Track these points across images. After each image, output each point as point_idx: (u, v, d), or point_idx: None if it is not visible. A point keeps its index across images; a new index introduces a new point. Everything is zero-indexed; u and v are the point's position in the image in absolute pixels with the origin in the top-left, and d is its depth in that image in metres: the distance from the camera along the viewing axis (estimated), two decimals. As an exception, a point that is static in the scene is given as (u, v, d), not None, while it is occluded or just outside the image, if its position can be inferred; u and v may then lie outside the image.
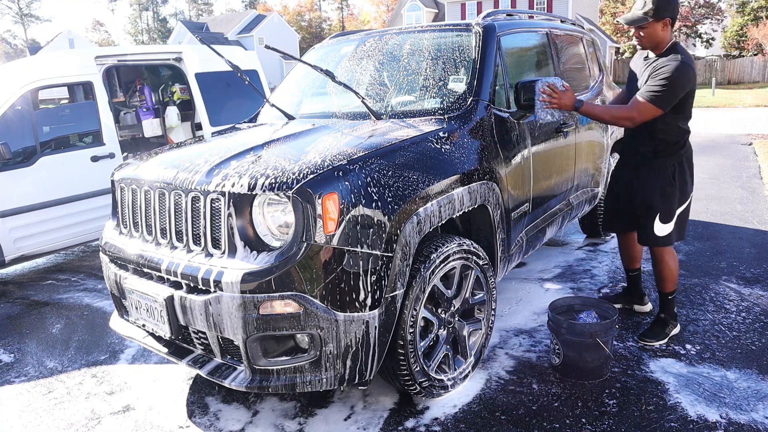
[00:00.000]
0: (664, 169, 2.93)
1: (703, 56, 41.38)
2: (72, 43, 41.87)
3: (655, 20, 2.75)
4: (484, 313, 2.83)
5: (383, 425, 2.48)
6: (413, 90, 3.20)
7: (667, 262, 3.05)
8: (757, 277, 3.91)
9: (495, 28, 3.23)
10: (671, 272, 3.06)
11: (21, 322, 3.93)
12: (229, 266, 2.15)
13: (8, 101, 4.36)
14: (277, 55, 36.38)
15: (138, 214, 2.58)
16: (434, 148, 2.58)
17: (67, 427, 2.64)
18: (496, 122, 2.95)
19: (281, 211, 2.17)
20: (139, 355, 3.31)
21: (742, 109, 17.74)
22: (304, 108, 3.55)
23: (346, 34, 4.05)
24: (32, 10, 65.00)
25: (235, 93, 5.92)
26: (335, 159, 2.25)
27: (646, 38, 2.82)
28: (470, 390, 2.70)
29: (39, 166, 4.46)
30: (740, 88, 29.13)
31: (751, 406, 2.47)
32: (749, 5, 39.42)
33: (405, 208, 2.29)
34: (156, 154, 2.83)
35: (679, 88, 2.71)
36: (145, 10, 72.99)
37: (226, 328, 2.16)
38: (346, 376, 2.24)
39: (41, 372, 3.19)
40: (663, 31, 2.79)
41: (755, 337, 3.07)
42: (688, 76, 2.70)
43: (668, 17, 2.77)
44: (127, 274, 2.58)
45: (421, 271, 2.38)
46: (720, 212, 5.59)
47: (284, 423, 2.54)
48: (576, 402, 2.57)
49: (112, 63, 5.34)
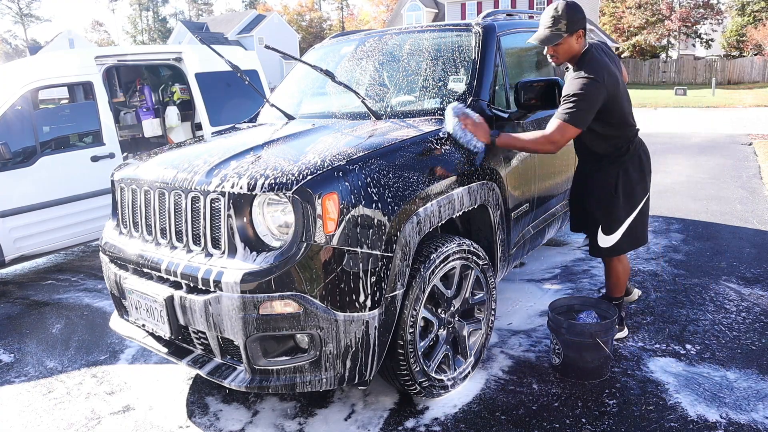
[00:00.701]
0: (606, 179, 2.85)
1: (703, 56, 41.39)
2: (72, 43, 41.89)
3: (569, 35, 2.65)
4: (484, 313, 2.83)
5: (383, 425, 2.48)
6: (413, 90, 3.20)
7: (615, 269, 3.04)
8: (757, 277, 3.91)
9: (495, 28, 3.23)
10: (619, 280, 3.06)
11: (21, 322, 3.93)
12: (229, 266, 2.15)
13: (8, 101, 4.37)
14: (277, 55, 36.36)
15: (138, 214, 2.58)
16: (434, 148, 2.58)
17: (67, 427, 2.64)
18: (496, 122, 2.95)
19: (281, 211, 2.17)
20: (139, 355, 3.31)
21: (742, 109, 17.73)
22: (304, 108, 3.55)
23: (346, 34, 4.05)
24: (32, 10, 65.03)
25: (235, 93, 5.92)
26: (335, 159, 2.25)
27: (562, 54, 2.71)
28: (470, 390, 2.70)
29: (39, 166, 4.46)
30: (740, 88, 29.13)
31: (751, 406, 2.47)
32: (749, 6, 39.41)
33: (405, 208, 2.29)
34: (156, 155, 2.83)
35: (590, 104, 2.58)
36: (145, 10, 72.99)
37: (226, 328, 2.16)
38: (346, 376, 2.24)
39: (41, 372, 3.19)
40: (577, 43, 2.68)
41: (755, 337, 3.07)
42: (595, 89, 2.56)
43: (581, 29, 2.67)
44: (127, 274, 2.58)
45: (420, 271, 2.39)
46: (720, 212, 5.59)
47: (284, 423, 2.54)
48: (576, 402, 2.57)
49: (112, 63, 5.34)
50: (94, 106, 4.88)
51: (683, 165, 8.13)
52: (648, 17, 39.66)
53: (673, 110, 17.34)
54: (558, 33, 2.65)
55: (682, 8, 40.14)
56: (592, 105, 2.59)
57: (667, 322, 3.29)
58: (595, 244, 2.98)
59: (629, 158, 2.85)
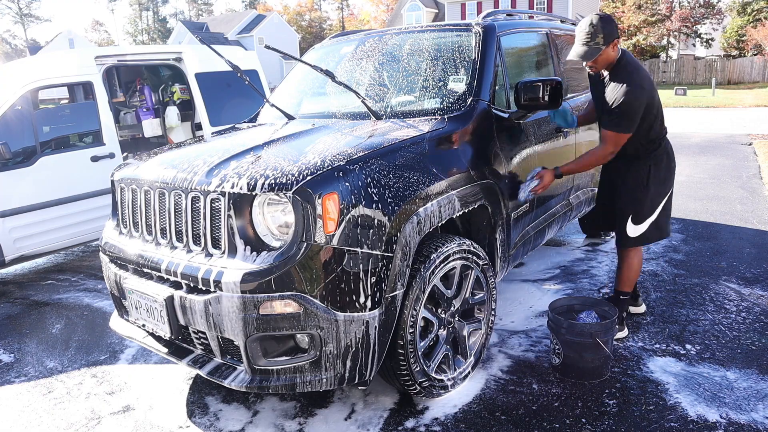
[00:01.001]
0: (639, 172, 3.00)
1: (703, 56, 41.37)
2: (72, 43, 41.83)
3: (606, 46, 2.77)
4: (484, 313, 2.83)
5: (383, 425, 2.48)
6: (413, 90, 3.20)
7: (632, 262, 3.13)
8: (757, 277, 3.91)
9: (495, 28, 3.23)
10: (633, 273, 3.14)
11: (21, 322, 3.93)
12: (229, 266, 2.15)
13: (8, 101, 4.36)
14: (277, 55, 36.37)
15: (138, 214, 2.58)
16: (434, 148, 2.58)
17: (67, 427, 2.64)
18: (496, 122, 2.95)
19: (281, 212, 2.17)
20: (139, 355, 3.31)
21: (742, 109, 17.73)
22: (304, 108, 3.55)
23: (346, 34, 4.05)
24: (32, 10, 65.06)
25: (235, 93, 5.92)
26: (335, 159, 2.25)
27: (600, 64, 2.85)
28: (470, 390, 2.70)
29: (39, 166, 4.46)
30: (740, 88, 29.12)
31: (751, 406, 2.47)
32: (749, 6, 39.41)
33: (405, 209, 2.29)
34: (156, 154, 2.83)
35: (637, 112, 2.78)
36: (145, 10, 72.99)
37: (226, 328, 2.16)
38: (346, 376, 2.24)
39: (41, 372, 3.19)
40: (614, 51, 2.82)
41: (755, 337, 3.07)
42: (641, 96, 2.76)
43: (616, 38, 2.79)
44: (127, 274, 2.58)
45: (421, 271, 2.38)
46: (720, 212, 5.59)
47: (284, 423, 2.54)
48: (576, 402, 2.57)
49: (112, 63, 5.34)
50: (94, 106, 4.88)
51: (683, 165, 8.13)
52: (648, 17, 39.66)
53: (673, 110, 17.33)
54: (597, 47, 2.77)
55: (682, 8, 40.15)
56: (639, 112, 2.79)
57: (667, 322, 3.29)
58: (624, 233, 3.09)
59: (659, 154, 3.01)
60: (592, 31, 2.75)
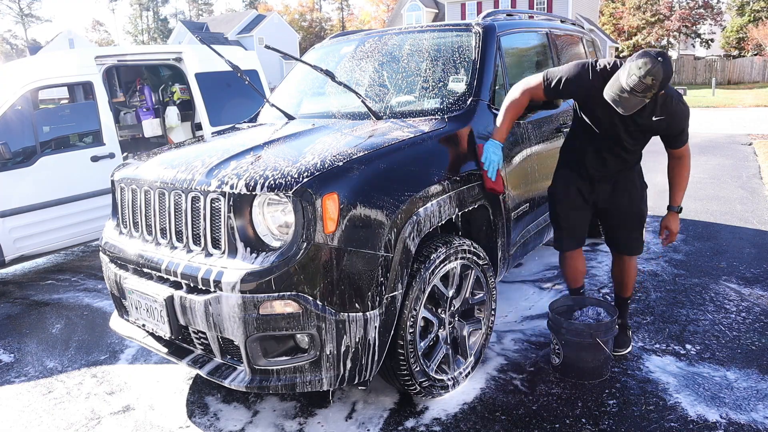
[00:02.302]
0: (641, 175, 2.89)
1: (703, 56, 41.37)
2: (72, 43, 41.81)
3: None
4: (483, 313, 2.83)
5: (383, 425, 2.48)
6: (413, 90, 3.20)
7: (635, 267, 3.03)
8: (757, 277, 3.91)
9: (495, 28, 3.23)
10: (634, 277, 3.04)
11: (21, 322, 3.93)
12: (229, 266, 2.15)
13: (8, 101, 4.36)
14: (277, 55, 36.37)
15: (138, 214, 2.58)
16: (434, 148, 2.58)
17: (67, 427, 2.64)
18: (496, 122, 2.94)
19: (281, 212, 2.17)
20: (139, 355, 3.31)
21: (742, 109, 17.74)
22: (304, 108, 3.55)
23: (346, 34, 4.05)
24: (33, 11, 65.03)
25: (235, 93, 5.92)
26: (335, 159, 2.25)
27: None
28: (470, 390, 2.70)
29: (39, 166, 4.46)
30: (740, 88, 29.13)
31: (751, 406, 2.47)
32: (749, 6, 39.42)
33: (405, 208, 2.29)
34: (156, 154, 2.83)
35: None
36: (146, 10, 72.99)
37: (226, 328, 2.16)
38: (346, 376, 2.24)
39: (41, 372, 3.19)
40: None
41: (755, 337, 3.07)
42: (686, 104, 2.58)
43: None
44: (127, 274, 2.58)
45: (420, 271, 2.38)
46: (720, 212, 5.59)
47: (284, 423, 2.54)
48: (576, 402, 2.57)
49: (112, 63, 5.34)
50: (94, 106, 4.88)
51: (683, 165, 8.12)
52: (647, 17, 39.66)
53: (673, 110, 17.31)
54: (646, 99, 2.29)
55: (682, 8, 40.15)
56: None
57: (667, 322, 3.29)
58: (641, 240, 2.94)
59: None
60: (651, 84, 2.23)
